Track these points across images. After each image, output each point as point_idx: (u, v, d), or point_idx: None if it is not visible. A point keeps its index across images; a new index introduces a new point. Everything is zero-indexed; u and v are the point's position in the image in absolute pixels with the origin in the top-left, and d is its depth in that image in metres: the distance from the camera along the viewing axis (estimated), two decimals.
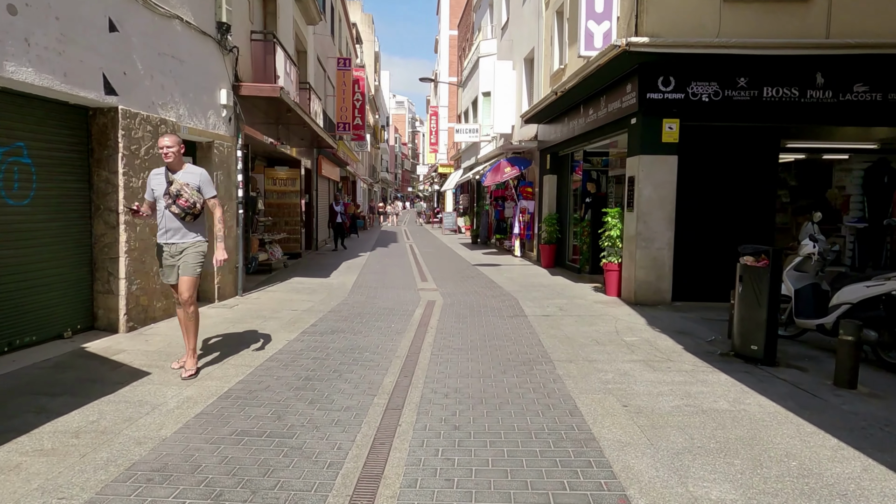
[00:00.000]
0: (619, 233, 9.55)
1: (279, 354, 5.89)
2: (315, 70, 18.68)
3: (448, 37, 41.97)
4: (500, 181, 16.27)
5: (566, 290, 10.45)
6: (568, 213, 13.85)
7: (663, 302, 8.94)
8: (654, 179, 8.82)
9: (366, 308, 8.60)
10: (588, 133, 11.35)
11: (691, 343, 6.57)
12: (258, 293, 9.71)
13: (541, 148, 15.18)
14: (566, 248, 13.95)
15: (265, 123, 11.96)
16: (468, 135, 22.42)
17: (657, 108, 8.71)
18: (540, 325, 7.46)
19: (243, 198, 9.32)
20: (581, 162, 13.47)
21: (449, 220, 30.65)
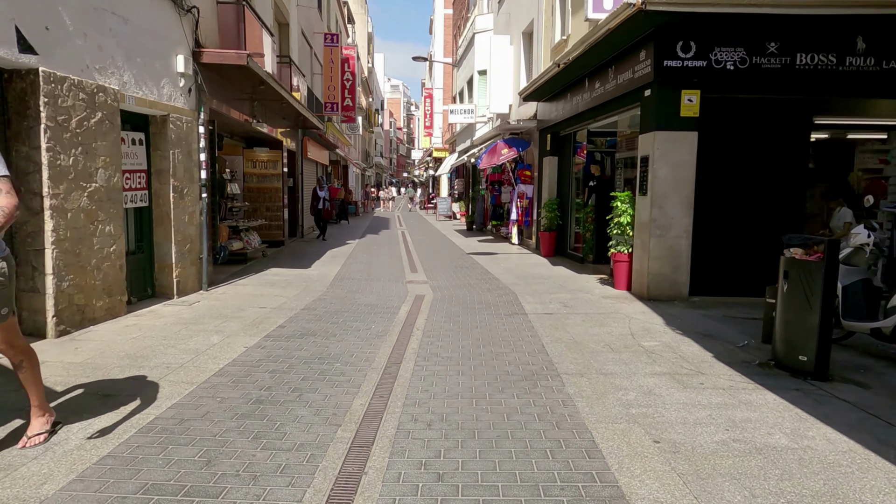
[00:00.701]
0: (630, 219, 8.55)
1: (231, 367, 4.90)
2: (299, 46, 17.50)
3: (443, 16, 40.61)
4: (496, 164, 15.24)
5: (569, 283, 9.46)
6: (570, 198, 12.83)
7: (680, 297, 7.97)
8: (671, 159, 7.80)
9: (345, 305, 7.60)
10: (594, 109, 10.30)
11: (721, 349, 5.60)
12: (226, 287, 8.69)
13: (540, 128, 14.12)
14: (568, 235, 12.95)
15: (239, 99, 10.86)
16: (463, 116, 21.30)
17: (675, 77, 7.67)
18: (542, 326, 6.48)
19: (207, 180, 8.27)
20: (584, 143, 12.44)
21: (443, 205, 29.61)
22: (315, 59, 20.66)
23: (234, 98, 10.48)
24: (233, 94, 10.30)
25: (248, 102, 11.30)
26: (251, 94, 11.06)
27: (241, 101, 10.98)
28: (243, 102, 11.09)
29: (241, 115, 10.83)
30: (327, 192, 17.34)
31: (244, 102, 11.13)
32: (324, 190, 17.21)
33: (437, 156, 39.53)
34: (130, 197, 7.08)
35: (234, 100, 10.54)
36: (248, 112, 11.37)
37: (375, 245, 15.82)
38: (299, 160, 17.41)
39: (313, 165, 20.83)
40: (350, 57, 25.62)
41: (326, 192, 17.28)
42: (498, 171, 18.99)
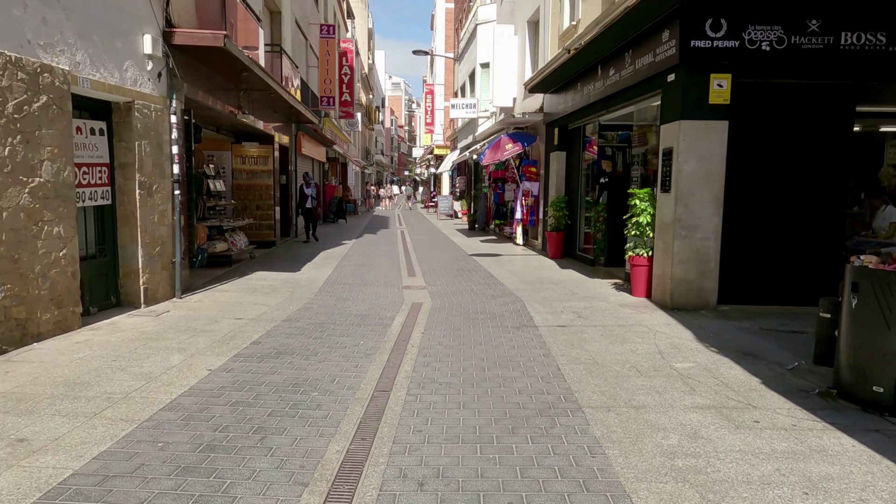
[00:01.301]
0: (650, 219, 7.71)
1: (186, 397, 4.07)
2: (293, 36, 16.66)
3: (444, 10, 39.71)
4: (500, 160, 14.41)
5: (581, 289, 8.63)
6: (579, 196, 11.99)
7: (707, 305, 7.13)
8: (699, 151, 6.96)
9: (332, 315, 6.78)
10: (607, 99, 9.46)
11: (768, 373, 4.76)
12: (203, 294, 7.87)
13: (547, 121, 13.28)
14: (577, 235, 12.11)
15: (223, 89, 10.03)
16: (465, 110, 20.46)
17: (704, 59, 6.83)
18: (556, 342, 5.65)
19: (182, 175, 7.44)
20: (594, 137, 11.60)
21: (444, 204, 28.77)
22: (311, 51, 19.83)
23: (218, 87, 9.65)
24: (216, 83, 9.47)
25: (233, 93, 10.47)
26: (236, 84, 10.23)
27: (226, 92, 10.15)
28: (228, 93, 10.26)
29: (225, 105, 10.01)
30: (314, 190, 15.61)
31: (229, 93, 10.30)
32: (311, 187, 15.50)
33: (438, 153, 38.68)
34: (89, 194, 6.26)
35: (218, 89, 9.71)
36: (234, 103, 10.54)
37: (372, 245, 14.99)
38: (293, 156, 16.58)
39: (309, 162, 20.01)
40: (348, 51, 24.83)
41: (314, 189, 15.59)
42: (501, 167, 18.15)
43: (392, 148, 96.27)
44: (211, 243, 10.16)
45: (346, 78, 25.18)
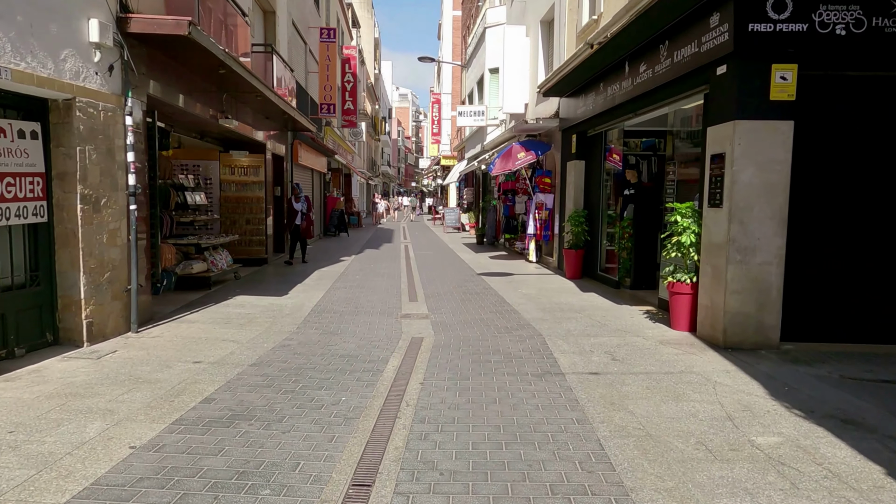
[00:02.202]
0: (695, 239, 6.47)
1: (81, 501, 2.88)
2: (290, 39, 15.65)
3: (451, 18, 38.84)
4: (511, 170, 13.24)
5: (610, 319, 7.39)
6: (600, 210, 10.77)
7: (767, 344, 5.88)
8: (758, 157, 5.74)
9: (313, 356, 5.58)
10: (636, 100, 8.28)
11: (889, 455, 3.51)
12: (166, 326, 6.70)
13: (563, 127, 12.11)
14: (598, 254, 10.88)
15: (203, 91, 8.95)
16: (472, 118, 19.35)
17: (764, 47, 5.64)
18: (591, 398, 4.42)
19: (140, 186, 6.30)
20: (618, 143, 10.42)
21: (451, 216, 27.61)
22: (311, 56, 18.84)
23: (197, 89, 8.56)
24: (193, 84, 8.39)
25: (215, 95, 9.38)
26: (219, 85, 9.15)
27: (206, 94, 9.05)
28: (209, 95, 9.17)
29: (206, 109, 8.90)
30: (305, 204, 13.16)
31: (210, 95, 9.20)
32: (301, 201, 13.14)
33: (445, 164, 37.62)
34: (16, 210, 5.13)
35: (197, 91, 8.62)
36: (217, 107, 9.44)
37: (373, 263, 13.81)
38: (288, 166, 15.49)
39: (308, 173, 18.94)
40: (351, 57, 23.88)
41: (304, 203, 13.18)
42: (512, 178, 16.99)
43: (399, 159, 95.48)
44: (186, 263, 9.01)
45: (349, 85, 24.20)
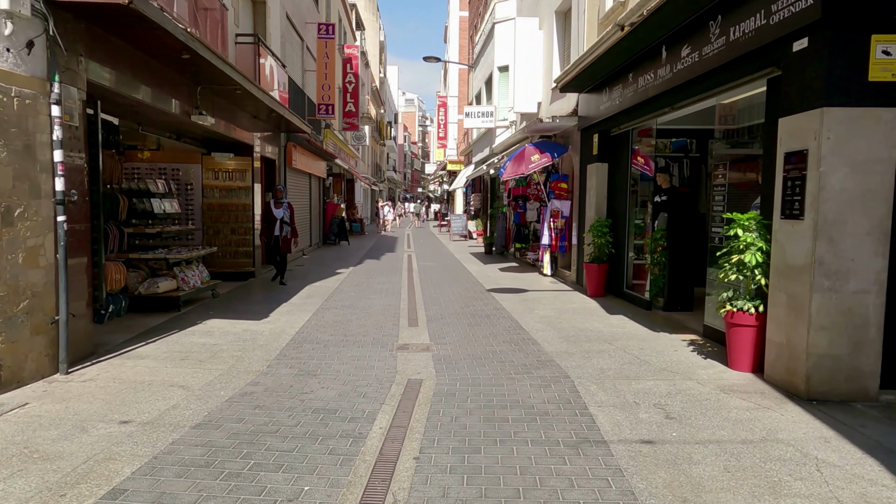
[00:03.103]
0: (762, 258, 5.19)
1: None
2: (284, 33, 14.50)
3: (458, 19, 37.73)
4: (523, 174, 11.98)
5: (649, 352, 6.10)
6: (626, 219, 9.50)
7: (864, 395, 4.58)
8: (853, 155, 4.47)
9: (279, 411, 4.33)
10: (675, 91, 7.03)
11: None
12: (107, 363, 5.47)
13: (583, 126, 10.85)
14: (624, 269, 9.59)
15: (173, 82, 7.77)
16: (480, 119, 18.14)
17: (862, 13, 4.38)
18: (653, 492, 3.15)
19: (76, 194, 5.09)
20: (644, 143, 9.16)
21: (458, 224, 26.34)
22: (308, 53, 17.69)
23: (163, 79, 7.38)
24: (159, 74, 7.21)
25: (187, 87, 8.19)
26: (192, 76, 7.97)
27: (177, 86, 7.87)
28: (180, 87, 7.98)
29: (170, 102, 7.70)
30: (287, 212, 10.90)
31: (181, 87, 8.02)
32: (282, 207, 10.86)
33: (451, 169, 36.41)
34: None
35: (165, 82, 7.45)
36: (188, 101, 8.25)
37: (371, 276, 12.57)
38: (281, 171, 14.31)
39: (305, 178, 17.75)
40: (353, 57, 22.77)
41: (286, 210, 10.90)
42: (523, 184, 15.73)
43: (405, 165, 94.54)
44: (152, 281, 7.80)
45: (350, 86, 23.06)
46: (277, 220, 10.68)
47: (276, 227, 10.67)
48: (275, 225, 10.70)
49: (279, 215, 10.73)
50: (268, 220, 10.77)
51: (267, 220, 10.77)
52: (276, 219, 10.69)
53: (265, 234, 10.84)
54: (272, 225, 10.73)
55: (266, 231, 10.83)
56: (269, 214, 10.76)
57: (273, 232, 10.73)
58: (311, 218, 18.94)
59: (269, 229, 10.77)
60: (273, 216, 10.72)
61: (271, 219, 10.73)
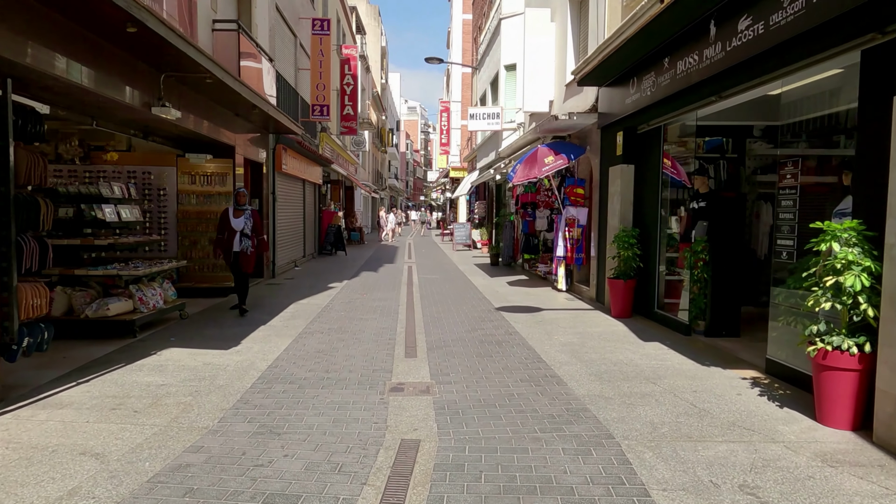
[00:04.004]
0: (869, 282, 3.93)
1: None
2: (274, 26, 13.36)
3: (461, 22, 36.69)
4: (536, 177, 10.75)
5: (707, 397, 4.84)
6: (657, 228, 8.27)
7: None
8: None
9: (219, 499, 3.09)
10: (727, 74, 5.82)
11: None
12: (13, 416, 4.23)
13: (604, 124, 9.64)
14: (654, 285, 8.33)
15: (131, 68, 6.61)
16: (486, 122, 16.95)
17: None
18: None
19: None
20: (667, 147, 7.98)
21: (461, 232, 25.11)
22: (301, 51, 16.57)
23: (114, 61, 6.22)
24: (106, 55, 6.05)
25: (147, 74, 7.02)
26: (151, 60, 6.79)
27: (134, 72, 6.70)
28: (138, 73, 6.81)
29: (125, 90, 6.52)
30: (249, 222, 8.58)
31: (140, 74, 6.85)
32: (243, 216, 8.58)
33: (454, 176, 35.27)
34: None
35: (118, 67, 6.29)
36: (148, 89, 7.07)
37: (367, 291, 11.34)
38: (269, 175, 13.12)
39: (298, 184, 16.57)
40: (351, 58, 21.68)
41: (248, 219, 8.59)
42: (532, 190, 14.51)
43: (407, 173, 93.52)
44: (101, 303, 6.59)
45: (348, 89, 21.94)
46: (237, 231, 8.47)
47: (235, 240, 8.49)
48: (234, 238, 8.50)
49: (239, 226, 8.49)
50: (225, 231, 8.55)
51: (224, 231, 8.56)
52: (236, 230, 8.49)
53: (221, 248, 8.62)
54: (230, 238, 8.51)
55: (222, 246, 8.58)
56: (225, 225, 8.54)
57: (231, 247, 8.51)
58: (306, 227, 17.75)
59: (227, 243, 8.53)
60: (231, 227, 8.51)
61: (229, 230, 8.52)
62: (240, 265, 8.61)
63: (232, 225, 8.49)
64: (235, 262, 8.61)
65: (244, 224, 8.50)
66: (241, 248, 8.47)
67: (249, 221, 8.56)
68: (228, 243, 8.50)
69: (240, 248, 8.49)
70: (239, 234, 8.48)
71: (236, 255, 8.55)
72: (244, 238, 8.49)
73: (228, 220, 8.52)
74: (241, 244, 8.47)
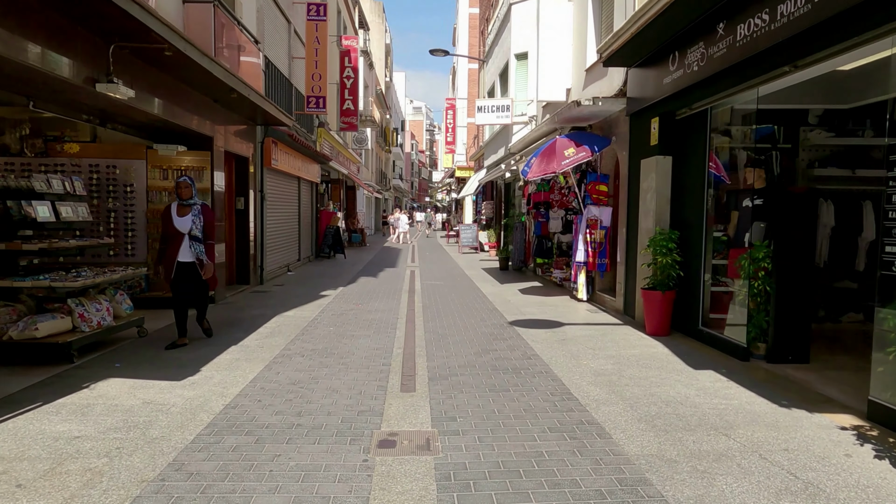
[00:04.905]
0: None
1: None
2: (263, 7, 12.16)
3: (467, 16, 35.46)
4: (555, 172, 9.46)
5: (806, 461, 3.56)
6: (703, 231, 6.98)
7: None
8: None
9: None
10: (811, 35, 4.55)
11: None
12: None
13: (634, 110, 8.37)
14: (699, 298, 7.03)
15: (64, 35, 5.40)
16: (495, 115, 15.69)
17: None
18: None
19: None
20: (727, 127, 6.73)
21: (468, 234, 23.81)
22: (296, 38, 15.37)
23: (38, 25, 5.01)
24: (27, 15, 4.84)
25: (92, 43, 5.80)
26: (94, 24, 5.58)
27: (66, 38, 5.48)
28: (73, 41, 5.59)
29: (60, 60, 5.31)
30: (199, 220, 6.33)
31: (76, 41, 5.63)
32: (190, 213, 6.32)
33: (459, 175, 34.02)
34: None
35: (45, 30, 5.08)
36: (92, 63, 5.85)
37: (363, 300, 10.10)
38: (257, 171, 11.90)
39: (292, 183, 15.35)
40: (351, 49, 20.47)
41: (197, 217, 6.33)
42: (545, 188, 13.24)
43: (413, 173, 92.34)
44: (28, 321, 5.36)
45: (348, 82, 20.73)
46: (184, 234, 6.21)
47: (182, 246, 6.21)
48: (179, 244, 6.20)
49: (185, 227, 6.21)
50: (168, 237, 6.31)
51: (166, 237, 6.32)
52: (181, 233, 6.21)
53: (161, 259, 6.41)
54: (175, 244, 6.23)
55: (165, 255, 6.32)
56: (167, 228, 6.30)
57: (176, 255, 6.21)
58: (301, 228, 16.53)
59: (170, 252, 6.25)
60: (174, 230, 6.23)
61: (173, 234, 6.25)
62: (191, 279, 6.31)
63: (176, 226, 6.23)
64: (184, 276, 6.27)
65: (193, 224, 6.24)
66: (193, 256, 6.27)
67: (199, 220, 6.30)
68: (172, 252, 6.25)
69: (191, 258, 6.26)
70: (187, 237, 6.23)
71: (186, 268, 6.26)
72: (195, 243, 6.26)
73: (171, 221, 6.27)
74: (192, 251, 6.25)
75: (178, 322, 6.44)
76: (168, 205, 6.48)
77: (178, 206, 6.34)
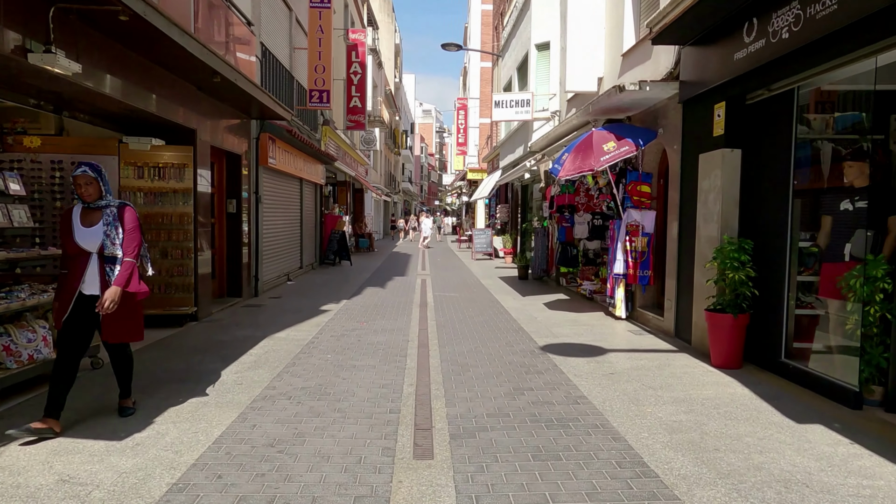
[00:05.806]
0: None
1: None
2: None
3: (480, 13, 34.24)
4: (594, 169, 8.11)
5: None
6: (787, 240, 5.63)
7: None
8: None
9: None
10: None
11: None
12: None
13: (688, 96, 7.04)
14: (781, 323, 5.68)
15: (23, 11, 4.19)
16: (513, 110, 14.39)
17: None
18: None
19: None
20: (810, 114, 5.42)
21: (481, 239, 22.49)
22: (299, 28, 14.17)
23: None
24: None
25: (21, 4, 4.58)
26: None
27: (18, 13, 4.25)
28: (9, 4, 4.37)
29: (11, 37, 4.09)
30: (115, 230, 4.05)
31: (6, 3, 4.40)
32: (100, 222, 4.05)
33: (471, 178, 32.72)
34: None
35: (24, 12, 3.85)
36: (23, 27, 4.63)
37: (368, 317, 8.82)
38: (252, 171, 10.67)
39: (293, 184, 14.12)
40: (359, 43, 19.31)
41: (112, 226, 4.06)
42: (570, 189, 11.95)
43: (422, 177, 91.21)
44: None
45: (356, 78, 19.57)
46: (91, 253, 4.06)
47: (88, 269, 4.07)
48: (83, 268, 4.06)
49: (91, 242, 4.05)
50: (68, 253, 4.12)
51: (67, 254, 4.13)
52: (86, 251, 4.06)
53: (59, 289, 4.16)
54: (76, 268, 4.06)
55: (64, 282, 4.11)
56: (68, 240, 4.07)
57: (77, 285, 4.04)
58: (304, 233, 15.30)
59: (70, 280, 4.07)
60: (75, 247, 4.06)
61: (73, 255, 4.08)
62: (96, 320, 4.10)
63: (77, 241, 4.04)
64: (81, 316, 4.06)
65: (104, 237, 4.04)
66: (101, 284, 4.03)
67: (115, 229, 4.07)
68: (73, 277, 4.06)
69: (97, 289, 4.03)
70: (94, 256, 4.06)
71: (85, 301, 4.05)
72: (107, 265, 4.05)
73: (71, 233, 4.06)
74: (107, 278, 4.04)
75: (53, 392, 3.94)
76: (69, 209, 4.19)
77: (80, 213, 4.12)
